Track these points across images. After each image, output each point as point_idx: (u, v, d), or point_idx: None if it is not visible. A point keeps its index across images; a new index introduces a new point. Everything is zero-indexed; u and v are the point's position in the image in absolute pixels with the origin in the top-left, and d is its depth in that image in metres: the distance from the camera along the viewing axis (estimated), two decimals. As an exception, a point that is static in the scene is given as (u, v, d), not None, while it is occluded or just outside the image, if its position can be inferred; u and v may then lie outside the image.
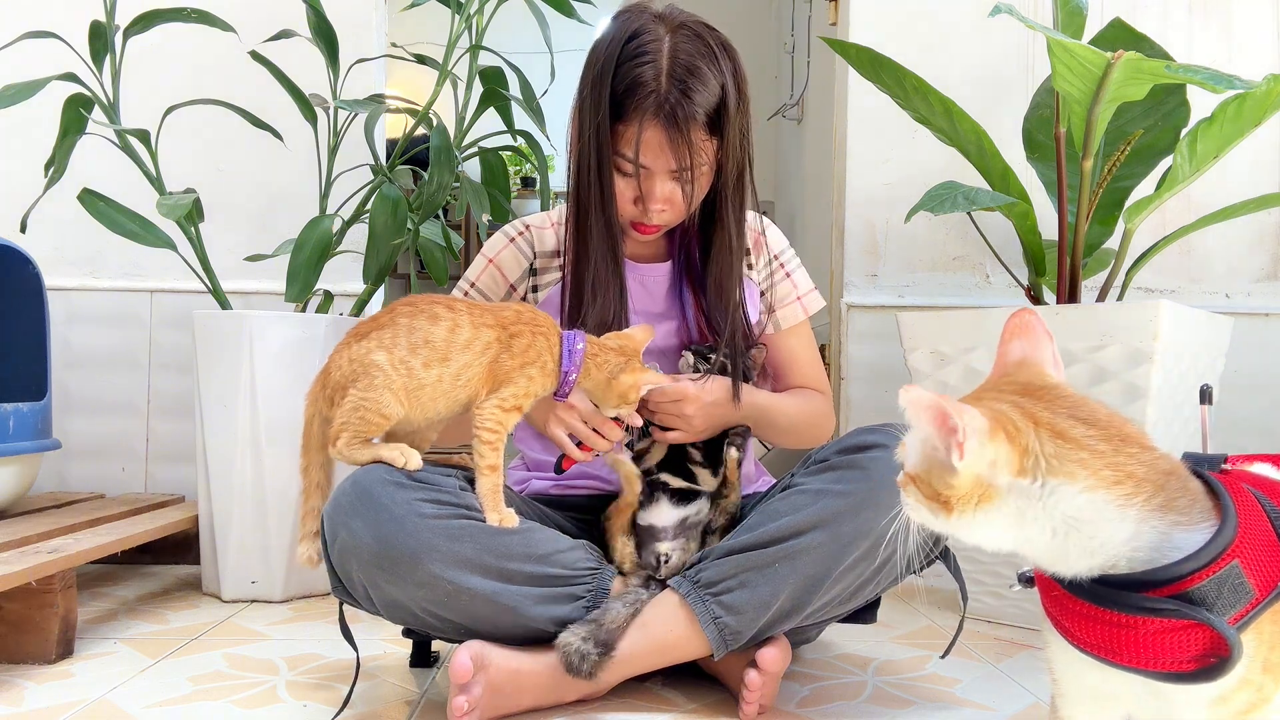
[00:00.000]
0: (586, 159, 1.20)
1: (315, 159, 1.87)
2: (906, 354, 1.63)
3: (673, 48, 1.16)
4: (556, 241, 1.36)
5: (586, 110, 1.19)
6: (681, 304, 1.33)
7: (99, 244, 2.05)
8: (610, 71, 1.16)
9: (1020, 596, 1.58)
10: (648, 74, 1.14)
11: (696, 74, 1.15)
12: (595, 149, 1.18)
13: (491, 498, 1.09)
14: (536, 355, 1.10)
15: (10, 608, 1.27)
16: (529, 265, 1.36)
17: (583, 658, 1.05)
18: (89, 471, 2.06)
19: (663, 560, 1.11)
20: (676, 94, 1.14)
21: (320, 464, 1.15)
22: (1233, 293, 2.23)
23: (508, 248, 1.36)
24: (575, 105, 1.23)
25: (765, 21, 4.21)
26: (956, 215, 2.11)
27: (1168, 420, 1.45)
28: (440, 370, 1.08)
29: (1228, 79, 1.32)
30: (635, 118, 1.15)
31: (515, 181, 5.62)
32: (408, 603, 1.05)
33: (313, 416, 1.14)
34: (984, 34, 2.17)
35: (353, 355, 1.09)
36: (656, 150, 1.17)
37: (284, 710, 1.12)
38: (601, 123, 1.17)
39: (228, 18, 1.74)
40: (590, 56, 1.21)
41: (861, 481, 1.07)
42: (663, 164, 1.18)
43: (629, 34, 1.17)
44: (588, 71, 1.20)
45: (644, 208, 1.22)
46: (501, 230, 1.39)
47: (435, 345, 1.08)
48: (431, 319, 1.09)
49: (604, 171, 1.19)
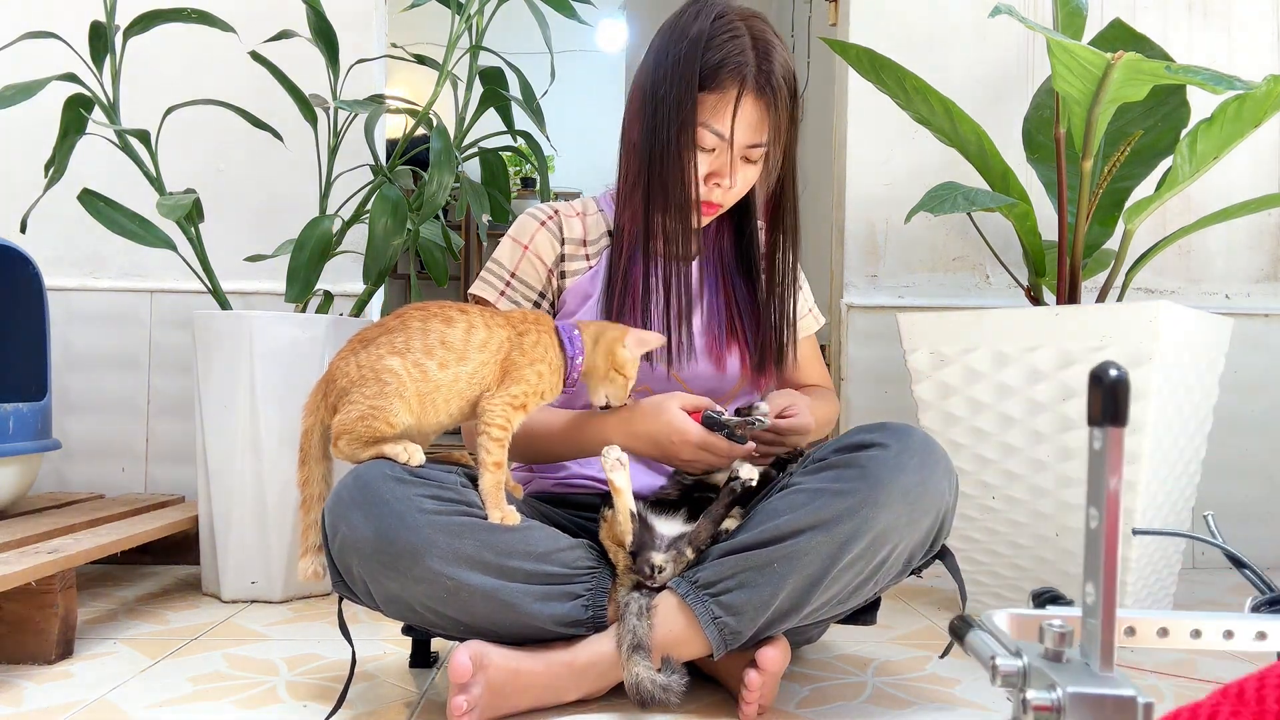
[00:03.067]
0: (664, 137, 1.22)
1: (315, 159, 1.88)
2: (906, 354, 1.64)
3: (751, 28, 1.22)
4: (583, 231, 1.36)
5: (668, 89, 1.21)
6: (713, 303, 1.34)
7: (99, 244, 2.05)
8: (700, 45, 1.20)
9: (1020, 597, 1.58)
10: (738, 48, 1.20)
11: (778, 53, 1.22)
12: (678, 124, 1.21)
13: (494, 495, 1.09)
14: (544, 352, 1.13)
15: (10, 608, 1.27)
16: (560, 251, 1.35)
17: (665, 689, 1.05)
18: (89, 471, 2.06)
19: (657, 571, 1.11)
20: (767, 67, 1.20)
21: (320, 476, 1.15)
22: (1232, 293, 2.23)
23: (540, 231, 1.34)
24: (643, 93, 1.26)
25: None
26: (956, 216, 2.12)
27: (1168, 421, 1.45)
28: (457, 370, 1.09)
29: (1228, 79, 1.32)
30: (730, 88, 1.19)
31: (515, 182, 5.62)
32: (407, 598, 1.06)
33: (311, 427, 1.13)
34: (984, 34, 2.17)
35: (361, 362, 1.08)
36: (749, 122, 1.21)
37: (284, 710, 1.12)
38: (686, 98, 1.20)
39: (228, 18, 1.74)
40: (665, 41, 1.24)
41: (860, 480, 1.07)
42: (750, 137, 1.22)
43: (713, 14, 1.22)
44: (666, 54, 1.23)
45: (715, 183, 1.25)
46: (529, 214, 1.37)
47: (453, 346, 1.09)
48: (446, 321, 1.10)
49: (685, 148, 1.21)
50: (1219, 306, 2.20)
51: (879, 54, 1.70)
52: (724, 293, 1.34)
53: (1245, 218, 2.20)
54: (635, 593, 1.11)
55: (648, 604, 1.10)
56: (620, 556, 1.14)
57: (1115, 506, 0.57)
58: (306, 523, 1.14)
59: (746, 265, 1.36)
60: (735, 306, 1.34)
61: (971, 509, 1.59)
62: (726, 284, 1.35)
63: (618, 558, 1.14)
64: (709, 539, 1.13)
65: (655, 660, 1.08)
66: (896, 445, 1.09)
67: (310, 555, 1.12)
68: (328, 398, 1.11)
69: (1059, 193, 1.66)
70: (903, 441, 1.10)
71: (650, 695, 1.05)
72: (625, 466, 1.13)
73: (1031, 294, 1.79)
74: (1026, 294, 1.80)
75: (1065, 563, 1.50)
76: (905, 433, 1.11)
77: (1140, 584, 1.48)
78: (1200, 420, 1.59)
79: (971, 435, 1.58)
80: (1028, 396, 1.50)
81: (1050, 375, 1.48)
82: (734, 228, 1.37)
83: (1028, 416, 1.51)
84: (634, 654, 1.07)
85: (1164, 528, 1.52)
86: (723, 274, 1.35)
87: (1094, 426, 0.57)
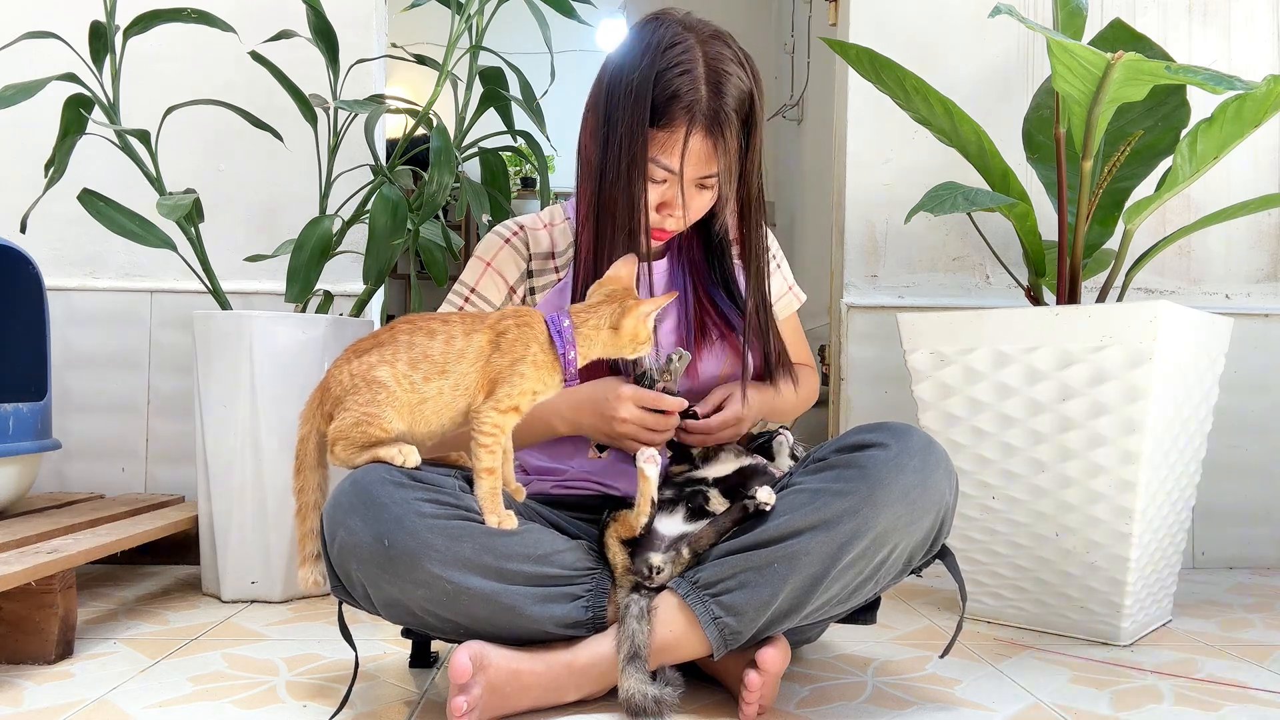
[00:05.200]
0: (615, 167, 1.21)
1: (315, 159, 1.88)
2: (906, 354, 1.64)
3: (706, 56, 1.19)
4: (550, 243, 1.37)
5: (619, 119, 1.20)
6: (681, 308, 1.34)
7: (99, 244, 2.05)
8: (650, 80, 1.17)
9: (1019, 597, 1.58)
10: (688, 83, 1.17)
11: (731, 83, 1.19)
12: (629, 158, 1.19)
13: (490, 500, 1.09)
14: (524, 348, 1.09)
15: (10, 608, 1.27)
16: (525, 267, 1.36)
17: (658, 702, 1.05)
18: (89, 471, 2.06)
19: (655, 572, 1.11)
20: (717, 102, 1.18)
21: (316, 484, 1.14)
22: (1232, 293, 2.23)
23: (504, 249, 1.36)
24: (597, 115, 1.24)
25: (765, 22, 4.22)
26: (956, 216, 2.12)
27: (1168, 421, 1.45)
28: (440, 383, 1.08)
29: (1228, 80, 1.32)
30: (679, 126, 1.18)
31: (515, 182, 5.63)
32: (407, 602, 1.06)
33: (308, 435, 1.13)
34: (984, 34, 2.17)
35: (354, 370, 1.09)
36: (698, 157, 1.20)
37: (284, 710, 1.12)
38: (637, 132, 1.18)
39: (228, 18, 1.74)
40: (619, 66, 1.22)
41: (860, 481, 1.07)
42: (700, 170, 1.21)
43: (665, 43, 1.19)
44: (619, 81, 1.21)
45: (668, 214, 1.24)
46: (494, 232, 1.39)
47: (434, 359, 1.08)
48: (429, 334, 1.10)
49: (635, 181, 1.20)
50: (1219, 306, 2.20)
51: (879, 54, 1.70)
52: (694, 297, 1.34)
53: (1245, 218, 2.21)
54: (635, 594, 1.11)
55: (648, 605, 1.10)
56: (619, 558, 1.14)
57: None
58: (303, 531, 1.13)
59: (715, 266, 1.37)
60: (706, 310, 1.34)
61: (971, 509, 1.59)
62: (698, 288, 1.35)
63: (616, 559, 1.14)
64: (709, 547, 1.13)
65: (652, 664, 1.08)
66: (896, 445, 1.09)
67: (309, 565, 1.12)
68: (323, 406, 1.11)
69: (1059, 193, 1.66)
70: (903, 442, 1.10)
71: (640, 709, 1.05)
72: (657, 463, 1.13)
73: (1031, 294, 1.79)
74: (1026, 294, 1.80)
75: (1065, 563, 1.50)
76: (905, 433, 1.11)
77: (1140, 584, 1.48)
78: (1200, 420, 1.59)
79: (971, 435, 1.58)
80: (1028, 396, 1.50)
81: (1050, 375, 1.48)
82: (701, 231, 1.37)
83: (1028, 416, 1.51)
84: (630, 664, 1.06)
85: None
86: (693, 277, 1.35)
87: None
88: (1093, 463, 1.45)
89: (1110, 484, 1.44)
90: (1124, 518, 1.43)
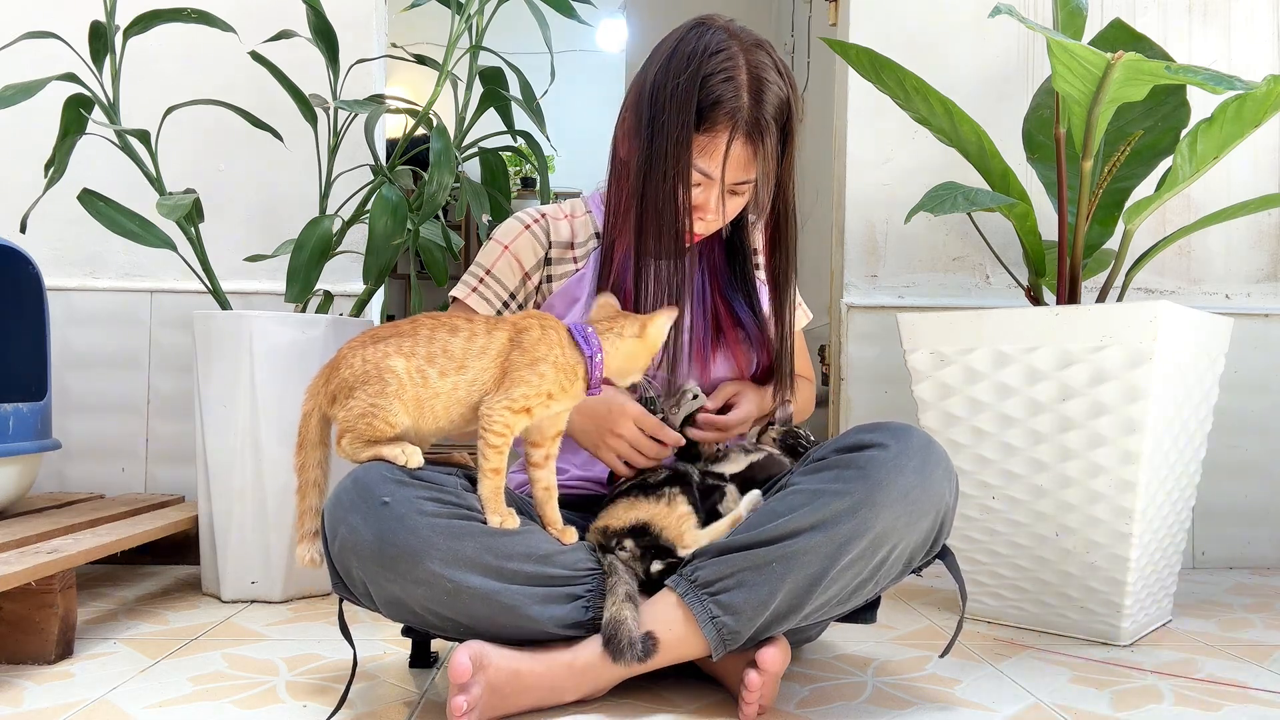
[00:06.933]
0: (660, 168, 1.21)
1: (315, 159, 1.88)
2: (906, 355, 1.64)
3: (749, 64, 1.20)
4: (571, 233, 1.38)
5: (662, 121, 1.21)
6: (699, 309, 1.35)
7: (99, 244, 2.05)
8: (696, 84, 1.19)
9: (1019, 597, 1.58)
10: (731, 89, 1.18)
11: (772, 91, 1.21)
12: (672, 159, 1.20)
13: (493, 500, 1.09)
14: (548, 350, 1.08)
15: (10, 608, 1.27)
16: (544, 255, 1.36)
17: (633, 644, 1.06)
18: (89, 471, 2.06)
19: (653, 574, 1.12)
20: (758, 110, 1.19)
21: (317, 461, 1.14)
22: (1232, 293, 2.23)
23: (524, 235, 1.36)
24: (638, 115, 1.25)
25: (765, 22, 4.21)
26: (956, 216, 2.12)
27: (1168, 420, 1.45)
28: (456, 379, 1.08)
29: (1228, 79, 1.32)
30: (721, 131, 1.19)
31: (515, 182, 5.63)
32: (407, 600, 1.06)
33: (311, 411, 1.13)
34: (984, 34, 2.17)
35: (367, 356, 1.08)
36: (738, 163, 1.21)
37: (284, 710, 1.12)
38: (681, 135, 1.19)
39: (228, 18, 1.74)
40: (663, 68, 1.22)
41: (858, 481, 1.07)
42: (738, 176, 1.23)
43: (711, 49, 1.20)
44: (663, 84, 1.21)
45: (700, 216, 1.26)
46: (515, 217, 1.39)
47: (454, 355, 1.08)
48: (452, 330, 1.10)
49: (678, 183, 1.21)
50: (1219, 306, 2.20)
51: (879, 54, 1.70)
52: (712, 299, 1.36)
53: (1245, 218, 2.21)
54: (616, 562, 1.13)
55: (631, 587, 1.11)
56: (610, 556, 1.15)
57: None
58: (302, 508, 1.13)
59: (736, 271, 1.38)
60: (723, 313, 1.35)
61: (971, 509, 1.59)
62: (716, 290, 1.36)
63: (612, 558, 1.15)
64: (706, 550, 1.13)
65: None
66: (896, 446, 1.09)
67: (307, 541, 1.12)
68: (329, 385, 1.11)
69: (1059, 193, 1.66)
70: (902, 442, 1.10)
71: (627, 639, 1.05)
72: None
73: (1031, 294, 1.79)
74: (1026, 294, 1.80)
75: (1065, 563, 1.50)
76: (905, 433, 1.11)
77: (1140, 584, 1.48)
78: (1200, 420, 1.59)
79: (971, 435, 1.58)
80: (1028, 396, 1.50)
81: (1050, 375, 1.48)
82: (724, 236, 1.39)
83: (1028, 416, 1.51)
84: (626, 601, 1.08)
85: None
86: (712, 280, 1.37)
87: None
88: (1093, 463, 1.45)
89: (1110, 484, 1.44)
90: (1124, 518, 1.43)
